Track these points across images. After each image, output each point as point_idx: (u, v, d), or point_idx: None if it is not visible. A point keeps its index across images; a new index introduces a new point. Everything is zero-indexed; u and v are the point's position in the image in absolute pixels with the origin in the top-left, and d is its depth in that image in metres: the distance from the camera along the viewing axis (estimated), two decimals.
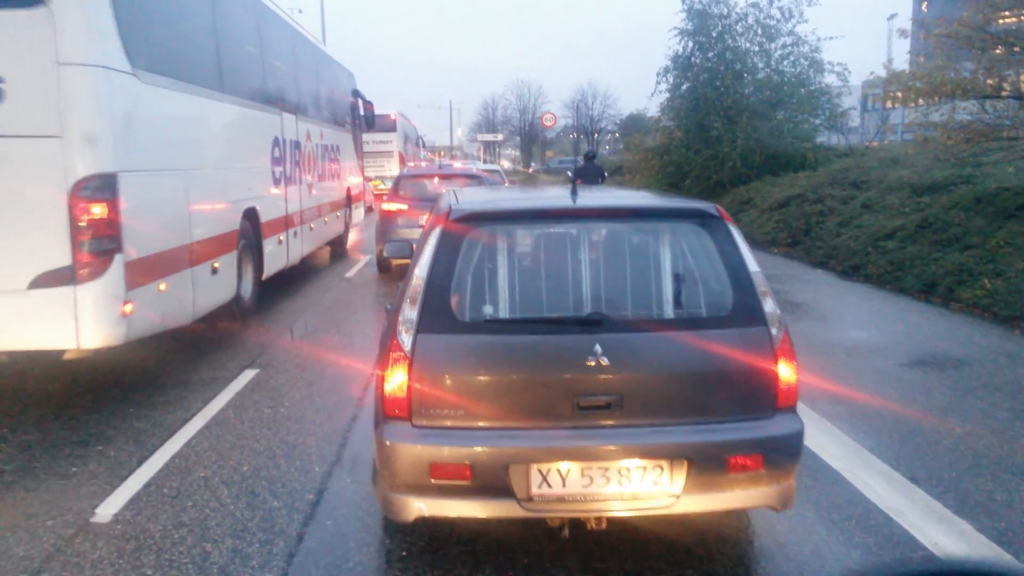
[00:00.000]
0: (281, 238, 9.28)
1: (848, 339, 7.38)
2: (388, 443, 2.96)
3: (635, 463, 2.91)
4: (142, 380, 5.99)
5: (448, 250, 3.09)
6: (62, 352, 5.15)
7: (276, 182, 9.16)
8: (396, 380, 2.97)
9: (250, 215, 8.01)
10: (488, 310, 3.14)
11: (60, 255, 4.84)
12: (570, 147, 73.40)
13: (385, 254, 4.98)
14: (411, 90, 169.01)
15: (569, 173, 18.11)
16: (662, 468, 2.93)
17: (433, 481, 2.91)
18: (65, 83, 4.78)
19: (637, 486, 2.93)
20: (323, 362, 6.59)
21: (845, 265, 11.23)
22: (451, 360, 3.01)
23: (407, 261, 3.98)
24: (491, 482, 2.91)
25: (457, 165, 19.94)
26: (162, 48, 6.12)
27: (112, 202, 4.98)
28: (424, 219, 4.84)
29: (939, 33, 10.04)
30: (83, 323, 4.90)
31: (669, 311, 3.19)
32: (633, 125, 72.40)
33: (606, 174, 14.82)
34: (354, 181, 14.86)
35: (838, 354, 6.75)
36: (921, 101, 11.88)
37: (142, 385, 5.88)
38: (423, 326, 2.98)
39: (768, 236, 14.29)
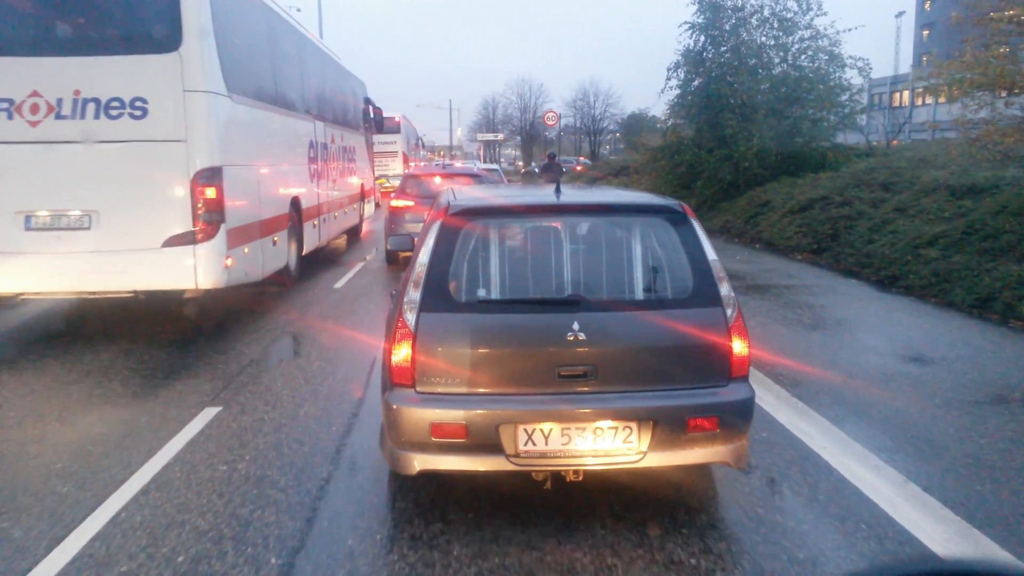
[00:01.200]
0: (315, 223, 11.40)
1: (909, 371, 6.39)
2: (395, 407, 3.41)
3: (608, 424, 3.37)
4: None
5: (447, 240, 3.54)
6: (183, 291, 7.25)
7: (311, 177, 11.27)
8: (402, 353, 3.41)
9: (295, 203, 10.10)
10: (481, 292, 3.60)
11: (184, 223, 6.96)
12: (571, 147, 72.47)
13: (388, 247, 5.95)
14: (410, 90, 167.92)
15: (536, 170, 21.29)
16: (631, 428, 3.38)
17: (433, 439, 3.35)
18: (188, 104, 6.90)
19: (609, 444, 3.38)
20: (293, 408, 5.62)
21: (881, 275, 10.25)
22: (449, 335, 3.45)
23: (409, 253, 4.39)
24: (483, 440, 3.34)
25: (457, 165, 20.86)
26: (244, 77, 8.27)
27: (219, 187, 7.09)
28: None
29: (996, 19, 9.02)
30: (200, 271, 7.03)
31: (638, 293, 3.65)
32: (635, 124, 71.56)
33: (564, 170, 17.76)
34: (367, 178, 16.99)
35: (903, 387, 5.78)
36: (959, 96, 10.87)
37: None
38: (425, 306, 3.43)
39: (790, 241, 13.32)
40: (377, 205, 19.60)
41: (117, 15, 7.20)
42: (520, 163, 68.52)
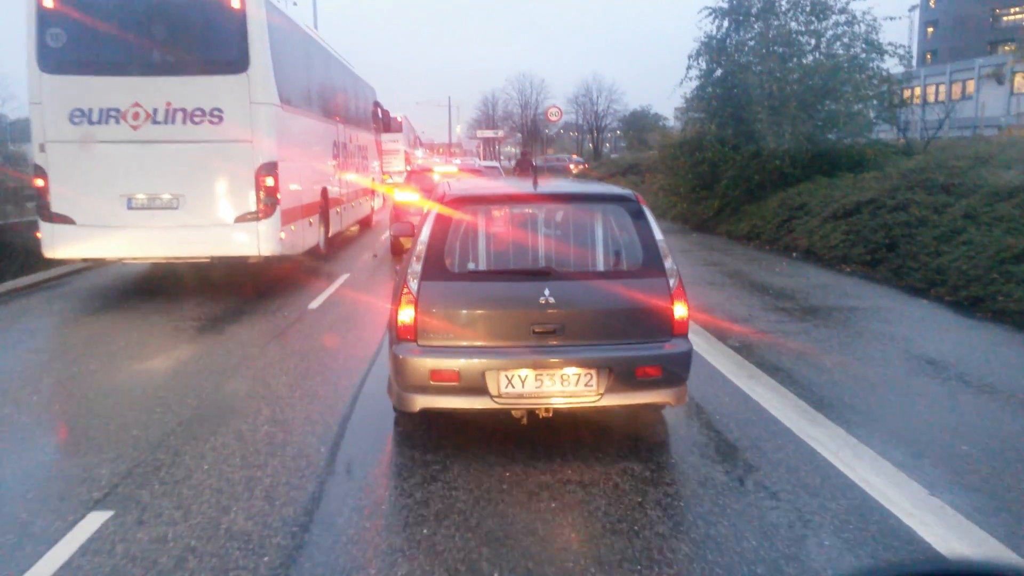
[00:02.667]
0: (338, 210, 13.35)
1: None
2: (401, 357, 4.17)
3: (572, 371, 4.15)
4: None
5: (442, 223, 4.35)
6: (247, 257, 9.29)
7: (334, 171, 13.27)
8: (406, 314, 4.19)
9: (324, 192, 12.07)
10: (471, 265, 4.45)
11: (250, 205, 9.03)
12: (572, 145, 70.78)
13: (391, 232, 7.46)
14: (409, 87, 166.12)
15: (514, 163, 24.63)
16: (591, 375, 4.16)
17: (432, 383, 4.13)
18: (253, 113, 9.00)
19: (573, 387, 4.17)
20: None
21: (960, 296, 8.61)
22: (445, 299, 4.24)
23: (410, 237, 5.06)
24: (472, 384, 4.12)
25: (456, 162, 22.15)
26: (291, 91, 10.23)
27: (275, 176, 9.13)
28: None
29: None
30: (261, 242, 9.10)
31: (598, 266, 4.49)
32: (637, 122, 69.92)
33: (534, 163, 19.36)
34: (376, 174, 19.26)
35: None
36: None
37: None
38: (425, 275, 4.21)
39: (836, 251, 11.67)
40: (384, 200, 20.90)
41: (200, 44, 9.22)
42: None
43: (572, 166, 47.52)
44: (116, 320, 8.29)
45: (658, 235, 4.41)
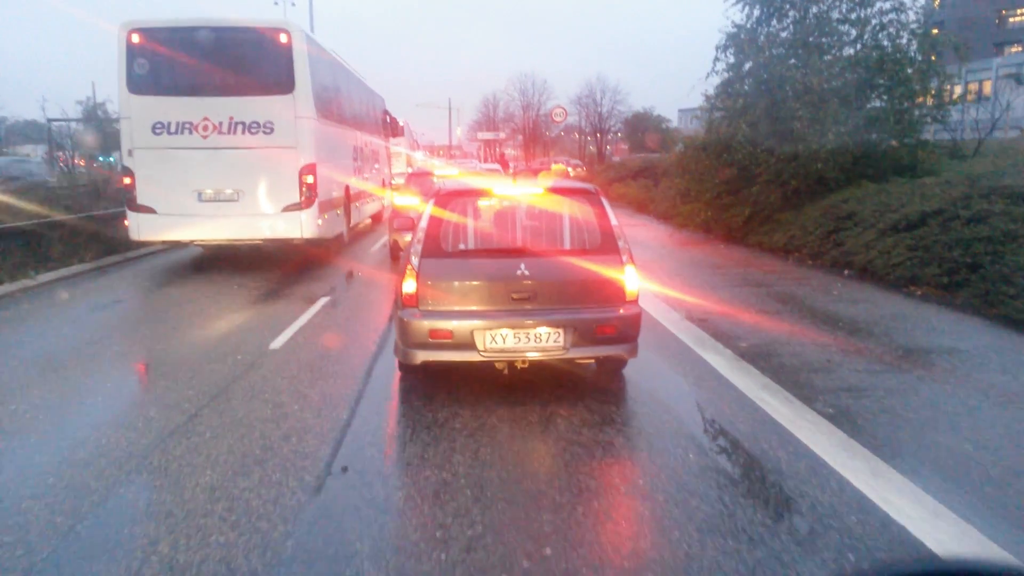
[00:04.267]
0: (357, 204, 15.69)
1: None
2: (405, 320, 5.13)
3: (544, 330, 5.09)
4: None
5: (438, 212, 5.35)
6: (292, 240, 11.73)
7: (354, 171, 15.46)
8: (410, 285, 5.16)
9: (347, 189, 14.51)
10: (461, 245, 5.40)
11: (294, 197, 11.39)
12: (575, 148, 69.06)
13: (395, 226, 8.75)
14: (409, 89, 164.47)
15: (497, 165, 27.86)
16: (559, 332, 5.10)
17: (431, 340, 5.09)
18: (298, 125, 11.40)
19: (544, 343, 5.11)
20: None
21: None
22: (441, 273, 5.21)
23: (411, 231, 5.80)
24: (463, 341, 5.08)
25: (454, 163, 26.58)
26: (324, 106, 12.79)
27: (314, 175, 11.51)
28: None
29: None
30: (303, 227, 11.52)
31: (565, 245, 5.44)
32: (640, 124, 68.22)
33: (511, 166, 21.60)
34: (386, 175, 21.66)
35: None
36: None
37: None
38: (425, 253, 5.20)
39: (900, 270, 9.95)
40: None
41: (256, 72, 11.51)
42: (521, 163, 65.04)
43: (570, 168, 46.16)
44: (186, 287, 10.84)
45: (613, 220, 5.44)
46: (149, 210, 11.28)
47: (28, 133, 56.09)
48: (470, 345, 5.04)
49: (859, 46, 14.34)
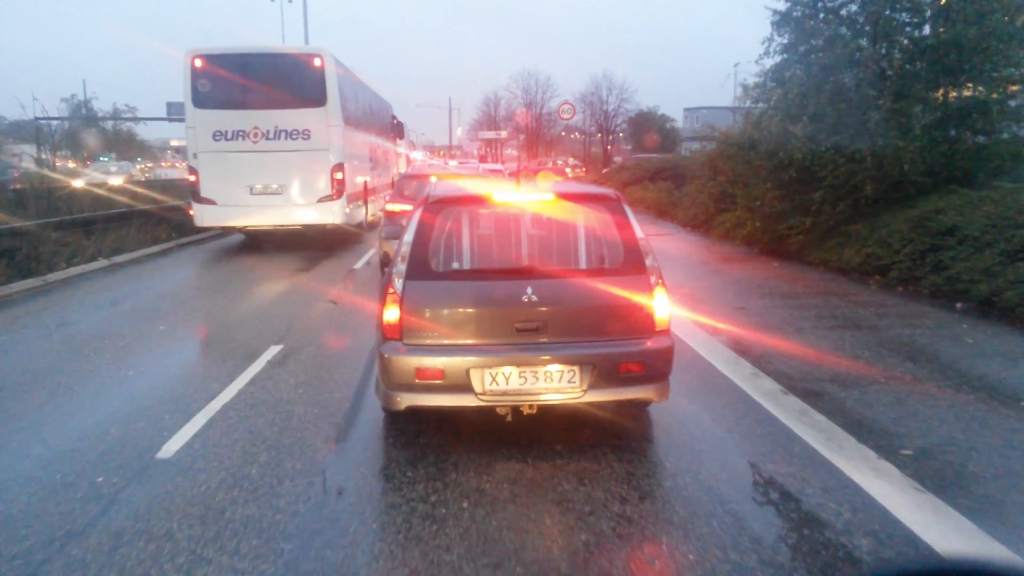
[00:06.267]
0: (372, 199, 18.34)
1: None
2: (386, 356, 4.22)
3: (555, 368, 4.19)
4: None
5: (427, 223, 4.42)
6: (325, 225, 14.30)
7: (369, 169, 18.35)
8: (392, 313, 4.25)
9: (365, 184, 17.24)
10: (455, 264, 4.45)
11: (326, 191, 14.02)
12: (577, 147, 66.60)
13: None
14: (409, 88, 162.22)
15: (500, 166, 27.70)
16: (574, 371, 4.20)
17: (417, 381, 4.19)
18: (329, 131, 14.04)
19: (556, 383, 4.21)
20: None
21: None
22: (429, 298, 4.28)
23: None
24: (457, 381, 4.17)
25: (452, 164, 25.00)
26: (349, 115, 15.30)
27: (343, 172, 14.17)
28: None
29: None
30: (335, 215, 14.15)
31: (580, 264, 4.51)
32: (644, 124, 65.82)
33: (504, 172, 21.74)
34: (393, 174, 23.20)
35: None
36: None
37: None
38: (410, 275, 4.28)
39: None
40: None
41: (296, 89, 14.06)
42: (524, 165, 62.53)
43: (568, 168, 43.94)
44: (239, 262, 13.45)
45: (639, 233, 4.52)
46: (210, 202, 13.90)
47: (20, 133, 53.69)
48: (466, 387, 4.23)
49: (943, 21, 11.80)
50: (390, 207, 13.69)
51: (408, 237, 4.40)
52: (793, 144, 11.99)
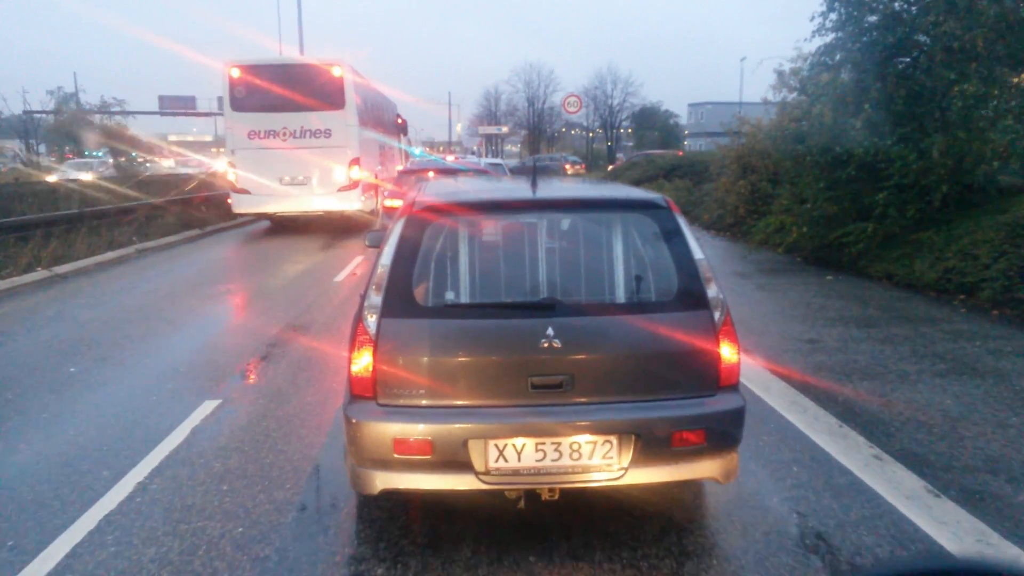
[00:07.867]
0: (381, 190, 18.13)
1: None
2: (354, 420, 3.09)
3: (585, 438, 3.06)
4: None
5: (411, 239, 3.25)
6: (344, 212, 16.89)
7: (379, 164, 19.99)
8: (362, 362, 3.12)
9: (376, 176, 18.89)
10: (449, 295, 3.27)
11: (345, 181, 16.50)
12: (580, 143, 64.93)
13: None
14: (408, 83, 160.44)
15: (500, 161, 25.92)
16: (611, 443, 3.07)
17: (396, 456, 3.04)
18: (347, 131, 16.54)
19: (587, 460, 3.08)
20: None
21: None
22: (413, 343, 3.12)
23: None
24: (451, 457, 3.04)
25: (450, 158, 23.83)
26: (364, 117, 17.56)
27: (359, 166, 16.70)
28: None
29: None
30: (352, 203, 16.74)
31: (619, 295, 3.31)
32: (647, 119, 64.16)
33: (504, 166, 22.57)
34: (397, 168, 24.71)
35: None
36: None
37: None
38: (387, 311, 3.12)
39: None
40: None
41: (319, 94, 16.07)
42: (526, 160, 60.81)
43: (567, 166, 41.98)
44: (268, 244, 15.59)
45: (697, 253, 3.31)
46: (246, 191, 16.18)
47: (15, 126, 51.80)
48: (462, 464, 3.02)
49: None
50: (388, 203, 13.57)
51: (385, 259, 3.24)
52: (852, 137, 10.25)
